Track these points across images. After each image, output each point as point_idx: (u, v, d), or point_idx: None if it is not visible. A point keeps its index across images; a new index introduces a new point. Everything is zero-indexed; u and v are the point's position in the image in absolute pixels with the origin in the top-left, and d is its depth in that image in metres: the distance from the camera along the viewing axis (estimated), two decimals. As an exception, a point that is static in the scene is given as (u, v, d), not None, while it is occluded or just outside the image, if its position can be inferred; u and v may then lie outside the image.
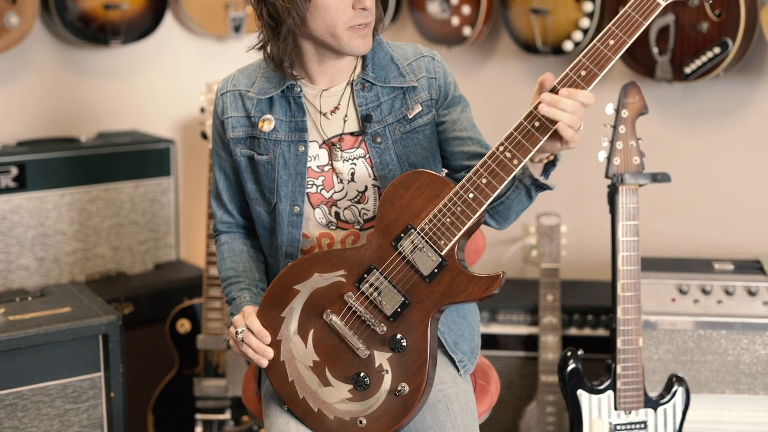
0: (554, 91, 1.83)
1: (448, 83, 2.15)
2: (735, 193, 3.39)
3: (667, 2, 1.84)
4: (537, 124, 1.85)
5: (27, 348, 2.53)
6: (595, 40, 1.85)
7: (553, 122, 1.82)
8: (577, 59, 1.84)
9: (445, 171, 1.97)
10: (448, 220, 1.90)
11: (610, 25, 1.84)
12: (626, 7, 1.84)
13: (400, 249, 1.94)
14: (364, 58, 2.13)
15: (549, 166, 1.97)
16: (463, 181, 1.90)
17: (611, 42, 1.83)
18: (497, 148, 1.87)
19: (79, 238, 3.49)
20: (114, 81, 3.84)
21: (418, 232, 1.93)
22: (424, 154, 2.12)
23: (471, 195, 1.88)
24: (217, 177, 2.27)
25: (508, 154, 1.86)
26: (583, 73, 1.83)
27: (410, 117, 2.11)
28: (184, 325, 3.39)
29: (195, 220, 3.95)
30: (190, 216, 3.95)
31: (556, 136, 1.84)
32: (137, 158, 3.57)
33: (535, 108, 1.84)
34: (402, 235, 1.94)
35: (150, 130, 3.84)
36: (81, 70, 3.75)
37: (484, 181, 1.88)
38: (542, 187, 1.96)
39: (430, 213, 1.92)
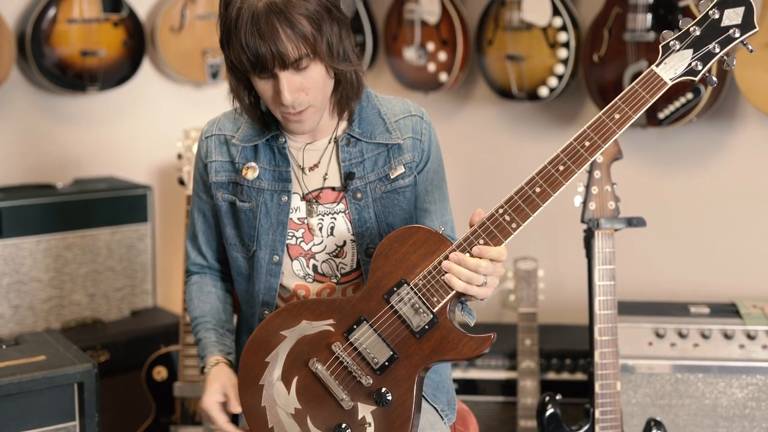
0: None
1: (432, 147, 2.15)
2: (710, 236, 3.42)
3: (675, 82, 1.88)
4: (538, 190, 1.88)
5: (1, 397, 2.50)
6: (600, 113, 1.90)
7: (552, 193, 1.88)
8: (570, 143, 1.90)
9: (442, 228, 1.97)
10: (442, 277, 1.90)
11: (615, 101, 1.90)
12: (633, 83, 1.89)
13: (392, 303, 1.93)
14: (350, 112, 2.12)
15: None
16: (460, 240, 1.90)
17: (617, 116, 1.89)
18: (496, 211, 1.89)
19: (54, 285, 3.47)
20: (91, 127, 3.84)
21: (411, 288, 1.92)
22: (402, 216, 2.12)
23: (468, 254, 1.89)
24: (196, 218, 2.26)
25: (507, 218, 1.88)
26: (561, 168, 1.89)
27: (392, 177, 2.11)
28: (160, 373, 3.36)
29: (172, 267, 3.94)
30: (167, 262, 3.93)
31: None
32: (114, 204, 3.56)
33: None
34: (395, 289, 1.93)
35: (127, 177, 3.83)
36: (58, 116, 3.75)
37: (481, 242, 1.89)
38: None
39: (425, 269, 1.91)
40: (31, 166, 3.71)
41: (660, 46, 1.89)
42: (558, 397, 2.75)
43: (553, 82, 3.47)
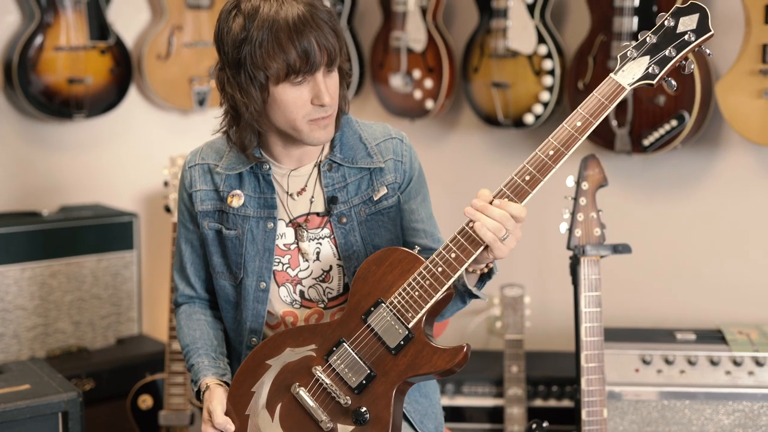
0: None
1: (413, 168, 2.17)
2: (695, 263, 3.43)
3: (632, 87, 1.91)
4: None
5: (-16, 426, 2.49)
6: (563, 122, 1.93)
7: (518, 202, 1.89)
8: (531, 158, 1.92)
9: (418, 248, 1.99)
10: (416, 293, 1.92)
11: (577, 109, 1.92)
12: (594, 91, 1.92)
13: (369, 322, 1.95)
14: (332, 138, 2.14)
15: (485, 278, 2.02)
16: (433, 256, 1.92)
17: (578, 123, 1.92)
18: (467, 224, 1.90)
19: (39, 313, 3.45)
20: (77, 154, 3.83)
21: (387, 306, 1.94)
22: (388, 237, 2.13)
23: (440, 269, 1.91)
24: (183, 249, 2.26)
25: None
26: (527, 177, 1.90)
27: (375, 199, 2.12)
28: (146, 401, 3.34)
29: (158, 294, 3.92)
30: (153, 290, 3.92)
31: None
32: (100, 232, 3.55)
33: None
34: (372, 309, 1.96)
35: (113, 204, 3.82)
36: (44, 143, 3.75)
37: (453, 255, 1.91)
38: (474, 296, 2.02)
39: (400, 287, 1.94)
40: (17, 193, 3.70)
41: (618, 56, 1.93)
42: (545, 424, 2.74)
43: (538, 109, 3.49)
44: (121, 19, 3.77)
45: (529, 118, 3.51)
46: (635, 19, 3.18)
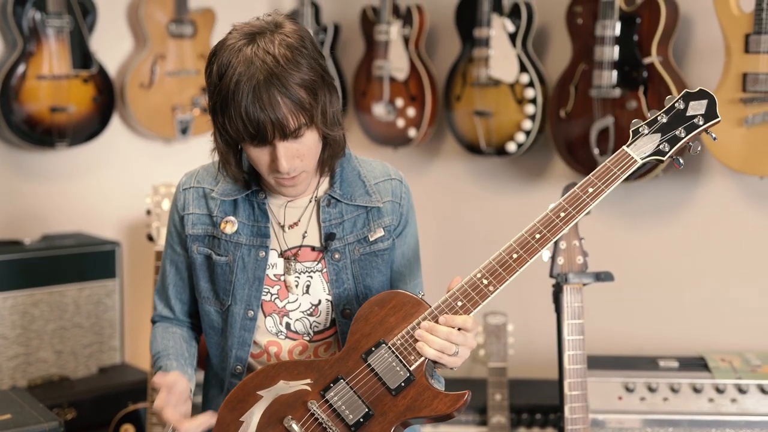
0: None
1: (409, 213, 2.19)
2: (677, 290, 3.44)
3: (644, 161, 2.00)
4: (515, 255, 1.95)
5: (-36, 458, 2.46)
6: (575, 188, 2.01)
7: (528, 258, 1.95)
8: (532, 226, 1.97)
9: (422, 293, 2.01)
10: (415, 344, 1.94)
11: (589, 176, 2.00)
12: (606, 161, 2.00)
13: (370, 362, 1.96)
14: (332, 172, 2.13)
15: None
16: (439, 302, 1.95)
17: (590, 190, 1.99)
18: (475, 275, 1.94)
19: (21, 342, 3.43)
20: (60, 183, 3.82)
21: (389, 347, 1.95)
22: (380, 278, 2.14)
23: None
24: (167, 271, 2.24)
25: (485, 281, 1.94)
26: (537, 237, 1.96)
27: (371, 240, 2.13)
28: (128, 431, 3.32)
29: (140, 323, 3.91)
30: (136, 319, 3.90)
31: None
32: (82, 260, 3.54)
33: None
34: (373, 348, 1.96)
35: (95, 232, 3.81)
36: (26, 172, 3.74)
37: (459, 303, 1.94)
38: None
39: (403, 330, 1.96)
40: (-1, 222, 3.69)
41: (630, 131, 2.02)
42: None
43: (520, 137, 3.51)
44: (104, 48, 3.77)
45: (511, 147, 3.53)
46: (616, 49, 3.21)
